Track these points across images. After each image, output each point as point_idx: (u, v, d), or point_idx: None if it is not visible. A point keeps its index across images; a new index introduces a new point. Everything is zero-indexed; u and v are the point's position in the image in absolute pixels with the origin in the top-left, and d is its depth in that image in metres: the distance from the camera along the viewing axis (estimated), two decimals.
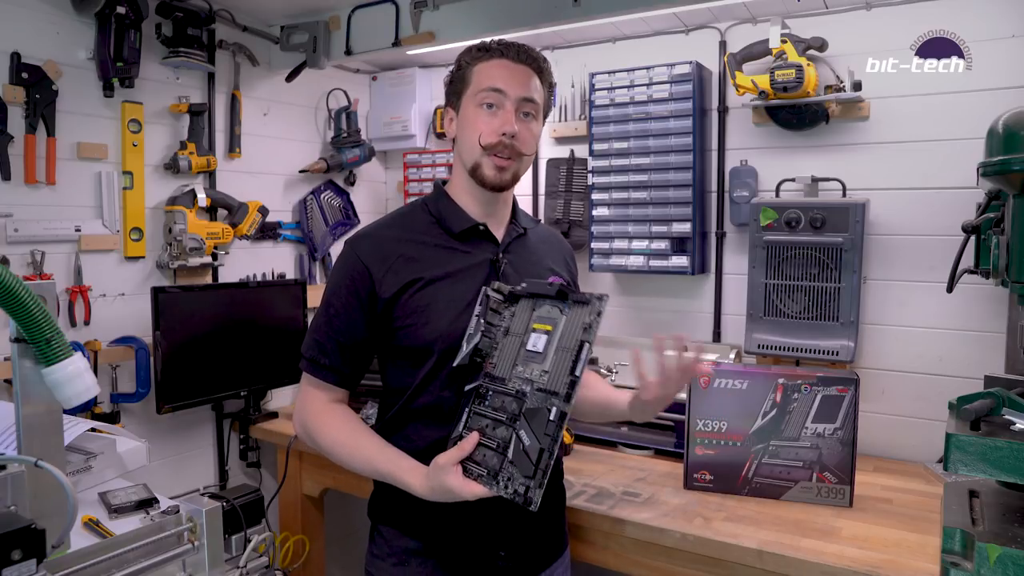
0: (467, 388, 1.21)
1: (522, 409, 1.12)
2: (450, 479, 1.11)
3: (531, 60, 1.28)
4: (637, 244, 2.28)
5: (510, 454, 1.10)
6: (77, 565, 1.11)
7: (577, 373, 1.09)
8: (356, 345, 1.27)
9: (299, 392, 1.35)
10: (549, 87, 1.33)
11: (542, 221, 1.61)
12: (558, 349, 1.13)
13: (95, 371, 1.78)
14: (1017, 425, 1.07)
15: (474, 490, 1.09)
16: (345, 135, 2.71)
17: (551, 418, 1.08)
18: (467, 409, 1.20)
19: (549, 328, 1.17)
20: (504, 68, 1.26)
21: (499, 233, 1.34)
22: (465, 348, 1.21)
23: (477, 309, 1.23)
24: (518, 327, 1.20)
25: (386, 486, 1.33)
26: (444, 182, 1.38)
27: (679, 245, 2.23)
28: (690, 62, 2.15)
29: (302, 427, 1.31)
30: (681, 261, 2.22)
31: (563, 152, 2.52)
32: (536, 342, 1.16)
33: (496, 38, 1.31)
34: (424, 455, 1.24)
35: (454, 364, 1.21)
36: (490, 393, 1.18)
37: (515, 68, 1.26)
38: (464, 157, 1.29)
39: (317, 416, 1.29)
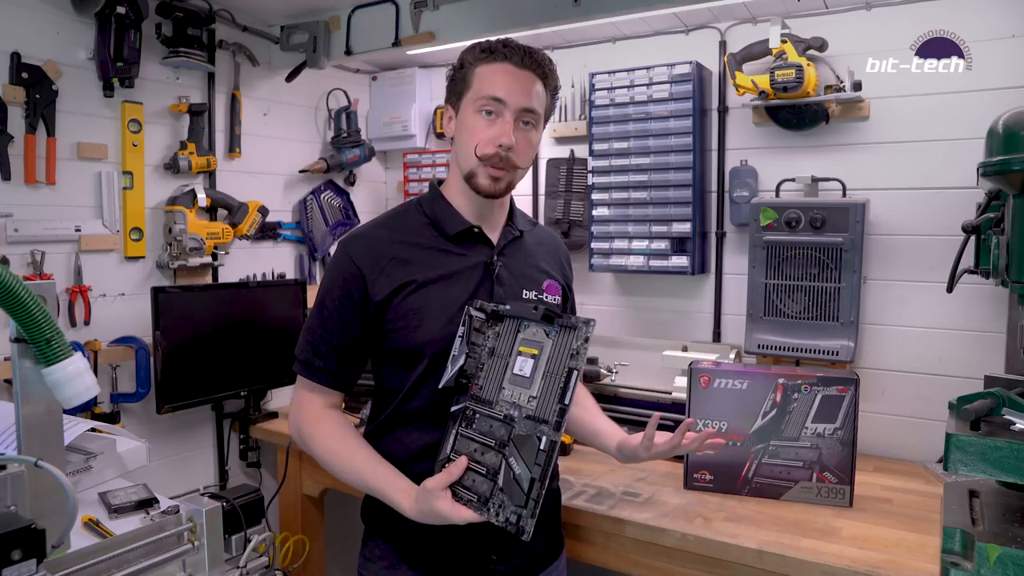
0: (453, 410, 1.20)
1: (511, 435, 1.11)
2: (440, 504, 1.10)
3: (535, 65, 1.25)
4: (637, 244, 2.28)
5: (500, 481, 1.09)
6: (77, 565, 1.11)
7: (566, 401, 1.08)
8: (351, 347, 1.26)
9: (294, 395, 1.33)
10: (553, 91, 1.31)
11: (540, 222, 1.61)
12: (546, 374, 1.12)
13: (95, 371, 1.78)
14: (1017, 425, 1.07)
15: (464, 515, 1.10)
16: (345, 135, 2.71)
17: (541, 447, 1.07)
18: (454, 431, 1.19)
19: (535, 352, 1.15)
20: (506, 74, 1.23)
21: (494, 236, 1.33)
22: (450, 370, 1.20)
23: (460, 330, 1.21)
24: (503, 348, 1.19)
25: None
26: (440, 182, 1.37)
27: (679, 245, 2.23)
28: (690, 62, 2.15)
29: (296, 431, 1.30)
30: (681, 261, 2.21)
31: (563, 152, 2.52)
32: (523, 366, 1.15)
33: (501, 39, 1.27)
34: (416, 459, 1.24)
35: (439, 386, 1.21)
36: (477, 416, 1.17)
37: (518, 74, 1.23)
38: (460, 162, 1.27)
39: (311, 422, 1.28)
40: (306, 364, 1.27)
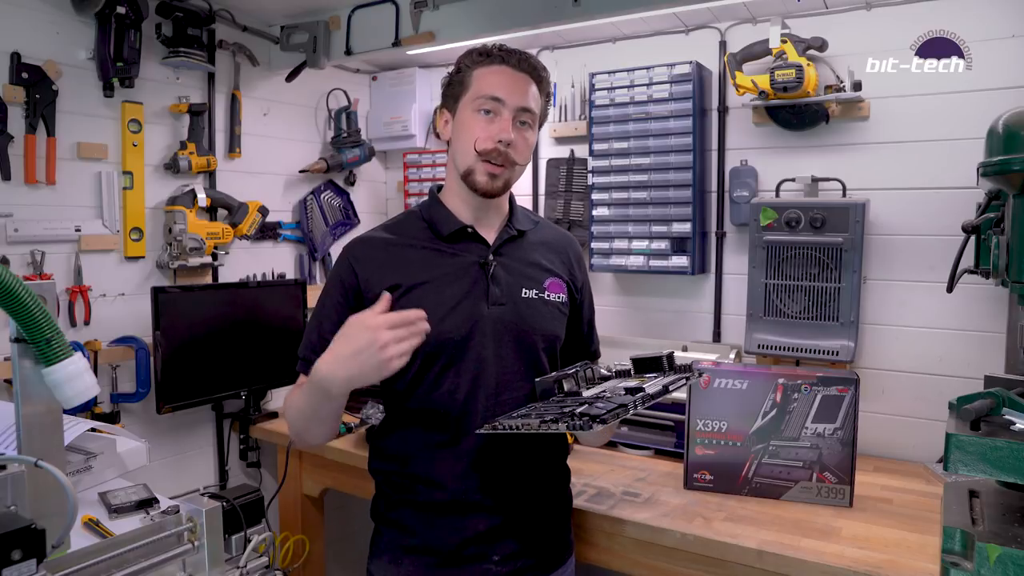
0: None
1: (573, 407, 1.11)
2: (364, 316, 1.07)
3: (531, 69, 1.28)
4: (637, 244, 2.28)
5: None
6: (77, 565, 1.11)
7: (642, 393, 1.11)
8: None
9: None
10: (547, 97, 1.34)
11: (545, 219, 1.59)
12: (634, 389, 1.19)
13: (95, 371, 1.78)
14: (1017, 425, 1.07)
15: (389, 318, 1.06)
16: (345, 135, 2.71)
17: (579, 420, 1.04)
18: (524, 408, 1.21)
19: (644, 379, 1.25)
20: (504, 75, 1.26)
21: (490, 235, 1.33)
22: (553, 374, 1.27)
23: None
24: (613, 383, 1.28)
25: (385, 485, 1.34)
26: (439, 188, 1.39)
27: (679, 245, 2.23)
28: (690, 62, 2.15)
29: (287, 424, 1.33)
30: (681, 261, 2.22)
31: (563, 152, 2.52)
32: (628, 384, 1.23)
33: (498, 43, 1.30)
34: (415, 457, 1.27)
35: (536, 380, 1.26)
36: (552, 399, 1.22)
37: (515, 76, 1.26)
38: (458, 161, 1.29)
39: (286, 399, 1.32)
40: (304, 361, 1.30)
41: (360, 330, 1.07)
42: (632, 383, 1.24)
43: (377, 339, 1.04)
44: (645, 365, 1.33)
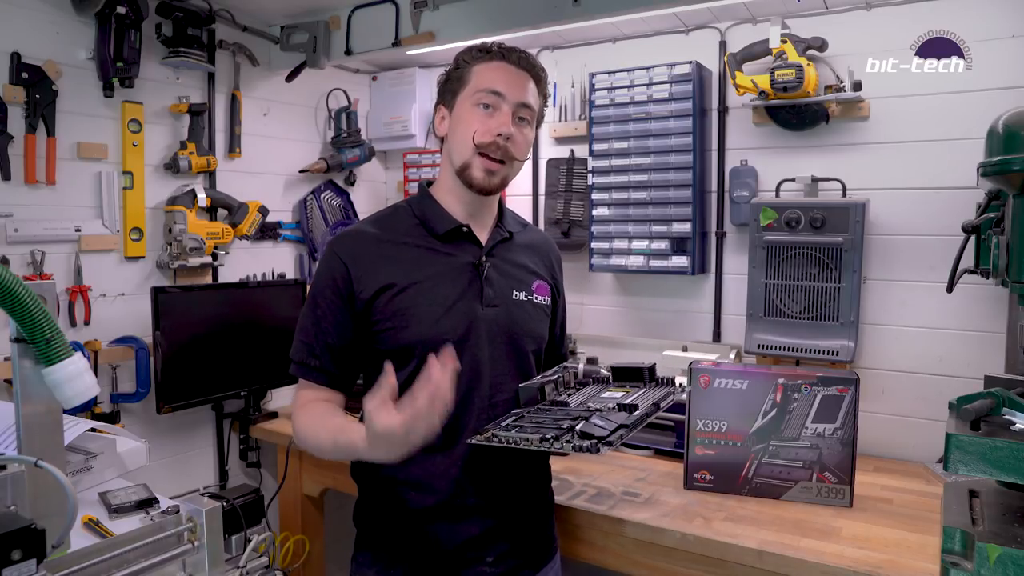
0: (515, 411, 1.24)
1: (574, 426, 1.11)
2: (377, 419, 1.00)
3: (530, 67, 1.28)
4: (637, 244, 2.28)
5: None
6: (77, 565, 1.10)
7: (628, 423, 1.12)
8: (345, 345, 1.25)
9: (293, 399, 1.31)
10: (544, 97, 1.33)
11: (532, 223, 1.59)
12: (626, 406, 1.21)
13: (95, 371, 1.78)
14: (1017, 425, 1.07)
15: (392, 420, 0.98)
16: (345, 135, 2.71)
17: (583, 444, 1.06)
18: (511, 418, 1.21)
19: (627, 391, 1.28)
20: (504, 71, 1.25)
21: (483, 236, 1.32)
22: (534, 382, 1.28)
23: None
24: (594, 391, 1.32)
25: (371, 491, 1.32)
26: (429, 183, 1.37)
27: (679, 245, 2.23)
28: (690, 62, 2.15)
29: (293, 428, 1.28)
30: (681, 261, 2.22)
31: (563, 152, 2.52)
32: (612, 395, 1.27)
33: (497, 41, 1.30)
34: (411, 461, 1.21)
35: (519, 385, 1.27)
36: (538, 410, 1.23)
37: (515, 72, 1.26)
38: (454, 156, 1.27)
39: (298, 408, 1.26)
40: (301, 365, 1.26)
41: (390, 442, 1.02)
42: (617, 393, 1.25)
43: (408, 440, 1.01)
44: (625, 375, 1.34)
